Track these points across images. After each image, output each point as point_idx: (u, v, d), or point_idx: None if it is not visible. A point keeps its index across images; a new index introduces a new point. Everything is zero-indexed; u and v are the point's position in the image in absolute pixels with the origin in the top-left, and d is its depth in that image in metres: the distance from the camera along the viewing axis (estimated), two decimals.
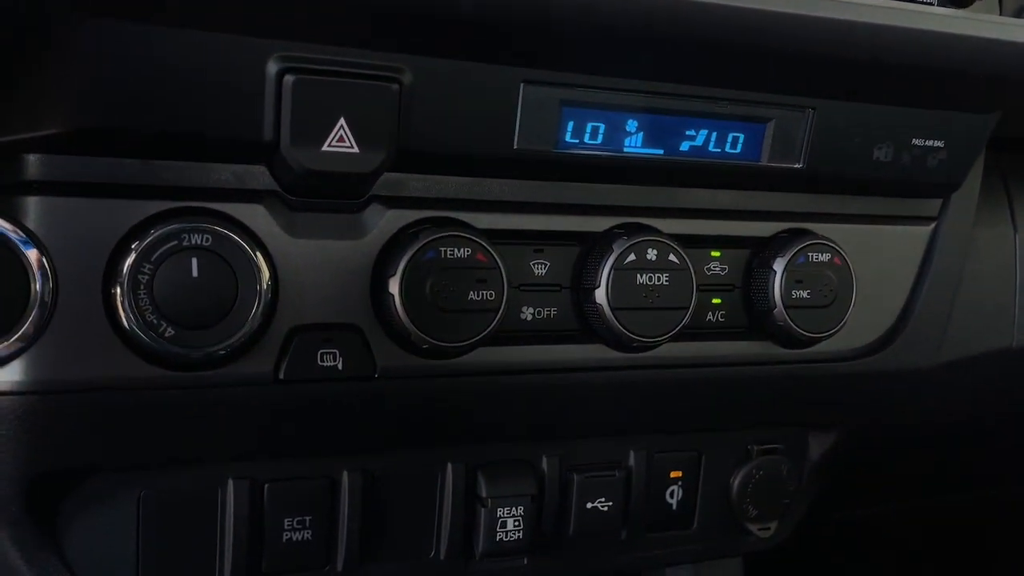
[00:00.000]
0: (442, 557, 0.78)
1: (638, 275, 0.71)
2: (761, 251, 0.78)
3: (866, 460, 0.97)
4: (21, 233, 0.56)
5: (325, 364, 0.65)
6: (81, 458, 0.62)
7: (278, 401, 0.65)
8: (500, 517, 0.77)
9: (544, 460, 0.80)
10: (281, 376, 0.64)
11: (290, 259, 0.63)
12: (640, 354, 0.75)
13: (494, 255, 0.66)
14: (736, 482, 0.87)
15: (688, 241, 0.74)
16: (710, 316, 0.78)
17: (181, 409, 0.62)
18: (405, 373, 0.67)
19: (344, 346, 0.65)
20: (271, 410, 0.65)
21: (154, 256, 0.58)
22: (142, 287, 0.58)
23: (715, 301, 0.78)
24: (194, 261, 0.58)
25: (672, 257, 0.72)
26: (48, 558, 0.66)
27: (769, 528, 0.89)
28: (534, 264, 0.72)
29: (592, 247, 0.72)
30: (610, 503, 0.82)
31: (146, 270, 0.58)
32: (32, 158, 0.57)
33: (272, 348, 0.63)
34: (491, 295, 0.66)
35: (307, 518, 0.72)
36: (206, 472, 0.69)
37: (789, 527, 0.92)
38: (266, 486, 0.71)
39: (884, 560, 1.49)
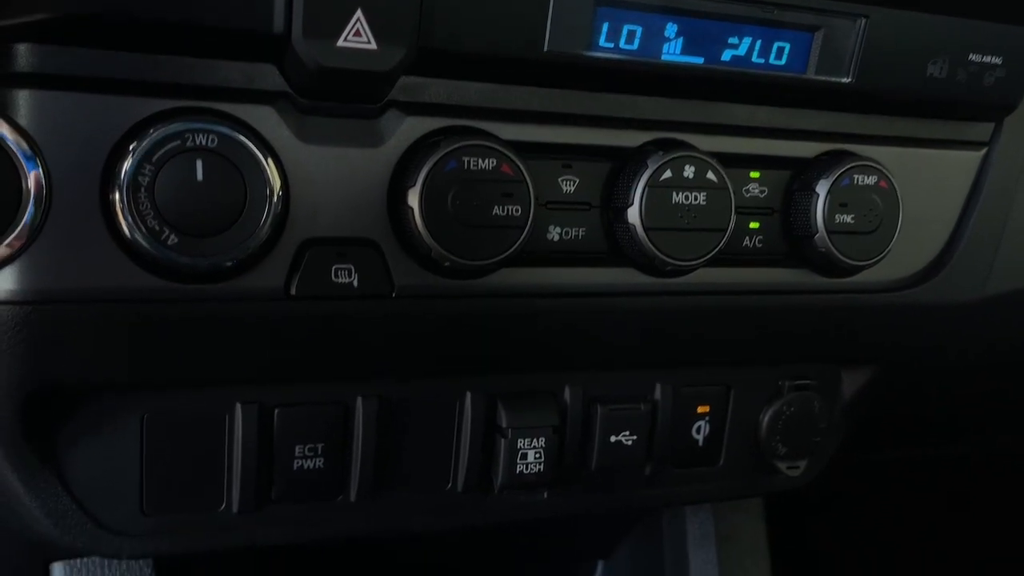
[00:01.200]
0: (460, 489, 0.75)
1: (674, 193, 0.66)
2: (803, 173, 0.73)
3: (899, 400, 0.93)
4: (11, 128, 0.52)
5: (339, 281, 0.60)
6: (80, 375, 0.59)
7: (289, 319, 0.61)
8: (520, 448, 0.74)
9: (567, 391, 0.76)
10: (292, 292, 0.60)
11: (301, 167, 0.59)
12: (672, 279, 0.70)
13: (520, 167, 0.61)
14: (765, 418, 0.84)
15: (725, 160, 0.69)
16: (747, 241, 0.73)
17: (185, 325, 0.58)
18: (424, 293, 0.63)
19: (359, 262, 0.61)
20: (281, 329, 0.61)
21: (155, 157, 0.53)
22: (143, 190, 0.53)
23: (752, 225, 0.73)
24: (199, 163, 0.54)
25: (711, 175, 0.67)
26: (47, 481, 0.63)
27: (798, 467, 0.85)
28: (562, 180, 0.67)
29: (625, 163, 0.67)
30: (634, 437, 0.78)
31: (147, 172, 0.53)
32: (22, 48, 0.52)
33: (283, 262, 0.59)
34: (517, 210, 0.62)
35: (319, 445, 0.69)
36: (213, 395, 0.65)
37: (818, 466, 0.88)
38: (276, 411, 0.67)
39: (911, 507, 1.46)
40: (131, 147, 0.53)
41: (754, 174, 0.73)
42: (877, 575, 1.59)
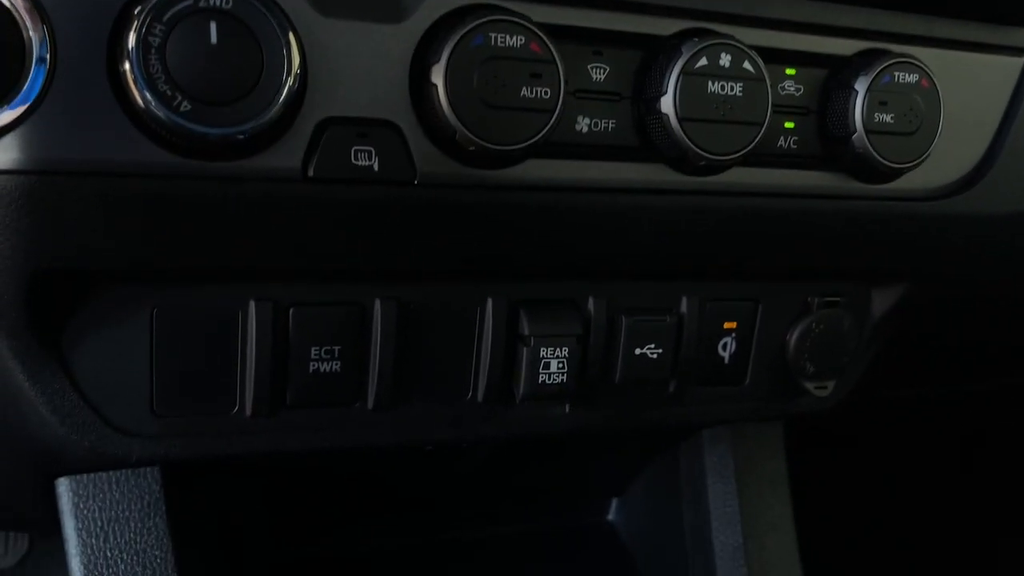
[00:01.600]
0: (480, 399, 0.72)
1: (709, 82, 0.63)
2: (841, 70, 0.70)
3: (927, 323, 0.91)
4: None
5: (359, 163, 0.57)
6: (85, 256, 0.56)
7: (306, 202, 0.58)
8: (543, 357, 0.71)
9: (591, 301, 0.73)
10: (310, 173, 0.57)
11: (320, 40, 0.56)
12: (703, 179, 0.67)
13: (550, 46, 0.58)
14: (794, 336, 0.81)
15: (761, 55, 0.66)
16: (782, 141, 0.70)
17: (196, 204, 0.55)
18: (447, 182, 0.60)
19: (380, 144, 0.58)
20: (297, 213, 0.58)
21: (166, 16, 0.50)
22: (153, 52, 0.50)
23: (788, 125, 0.70)
24: (213, 25, 0.51)
25: (747, 65, 0.64)
26: (54, 376, 0.60)
27: (826, 387, 0.83)
28: (592, 68, 0.64)
29: (658, 51, 0.64)
30: (659, 351, 0.76)
31: (157, 32, 0.50)
32: None
33: (300, 142, 0.56)
34: (545, 93, 0.59)
35: (335, 348, 0.66)
36: (226, 291, 0.63)
37: (846, 388, 0.86)
38: (291, 310, 0.64)
39: (928, 447, 1.45)
40: (140, 6, 0.50)
41: (790, 71, 0.70)
42: (895, 511, 1.57)
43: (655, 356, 0.76)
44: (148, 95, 0.50)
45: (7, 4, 0.48)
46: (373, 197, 0.59)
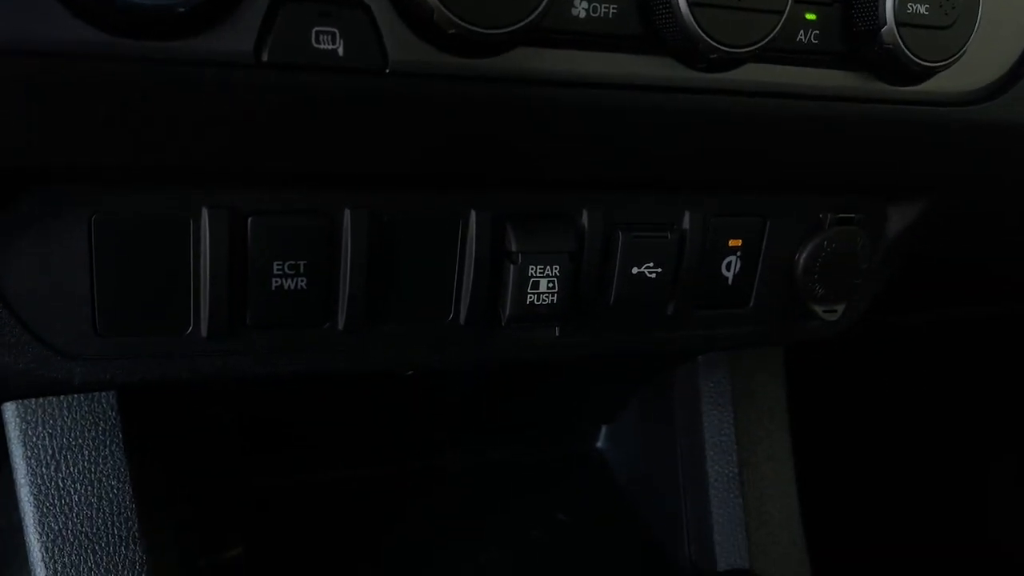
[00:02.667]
0: (462, 321, 0.66)
1: None
2: None
3: (945, 243, 0.85)
4: None
5: (321, 47, 0.49)
6: (8, 152, 0.48)
7: (260, 92, 0.50)
8: (532, 276, 0.65)
9: (585, 214, 0.66)
10: (264, 58, 0.49)
11: None
12: (714, 75, 0.60)
13: None
14: (803, 256, 0.75)
15: None
16: (802, 35, 0.62)
17: (132, 91, 0.47)
18: (423, 70, 0.52)
19: (346, 25, 0.50)
20: (250, 105, 0.50)
21: None
22: None
23: (809, 17, 0.62)
24: None
25: None
26: None
27: (835, 311, 0.77)
28: None
29: None
30: (659, 270, 0.69)
31: None
32: None
33: (252, 20, 0.48)
34: None
35: (300, 263, 0.59)
36: (173, 196, 0.55)
37: (856, 312, 0.80)
38: (249, 220, 0.57)
39: (930, 373, 1.41)
40: None
41: None
42: (895, 440, 1.55)
43: (653, 276, 0.69)
44: None
45: None
46: (337, 87, 0.51)
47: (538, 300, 0.65)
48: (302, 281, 0.60)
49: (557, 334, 0.70)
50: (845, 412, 1.48)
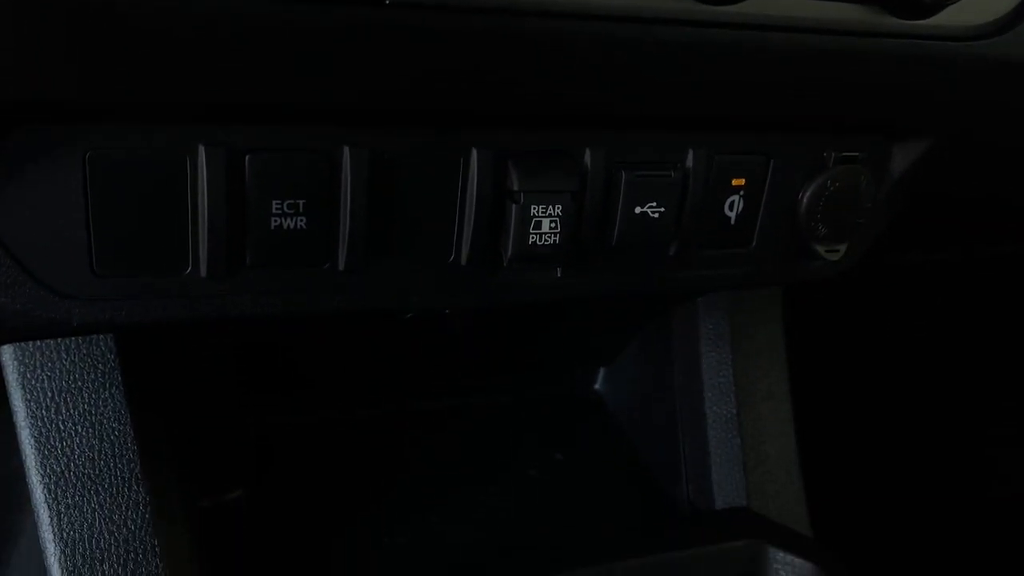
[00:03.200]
0: (463, 262, 0.65)
1: None
2: None
3: (948, 182, 0.84)
4: None
5: None
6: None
7: (248, 23, 0.48)
8: (534, 216, 0.64)
9: (587, 153, 0.65)
10: None
11: None
12: (721, 8, 0.58)
13: None
14: (807, 195, 0.74)
15: None
16: None
17: (125, 23, 0.46)
18: (425, 1, 0.51)
19: None
20: (249, 38, 0.49)
21: None
22: None
23: None
24: None
25: None
26: None
27: (838, 250, 0.76)
28: None
29: None
30: (661, 209, 0.69)
31: None
32: None
33: None
34: None
35: (300, 202, 0.59)
36: (169, 132, 0.54)
37: (858, 252, 0.80)
38: (247, 157, 0.56)
39: (931, 313, 1.42)
40: None
41: None
42: (892, 380, 1.57)
43: (656, 215, 0.69)
44: None
45: None
46: (331, 20, 0.50)
47: (540, 240, 0.65)
48: (301, 220, 0.59)
49: (559, 275, 0.70)
50: (842, 353, 1.49)
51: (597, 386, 1.12)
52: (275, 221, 0.58)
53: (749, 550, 0.80)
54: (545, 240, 0.65)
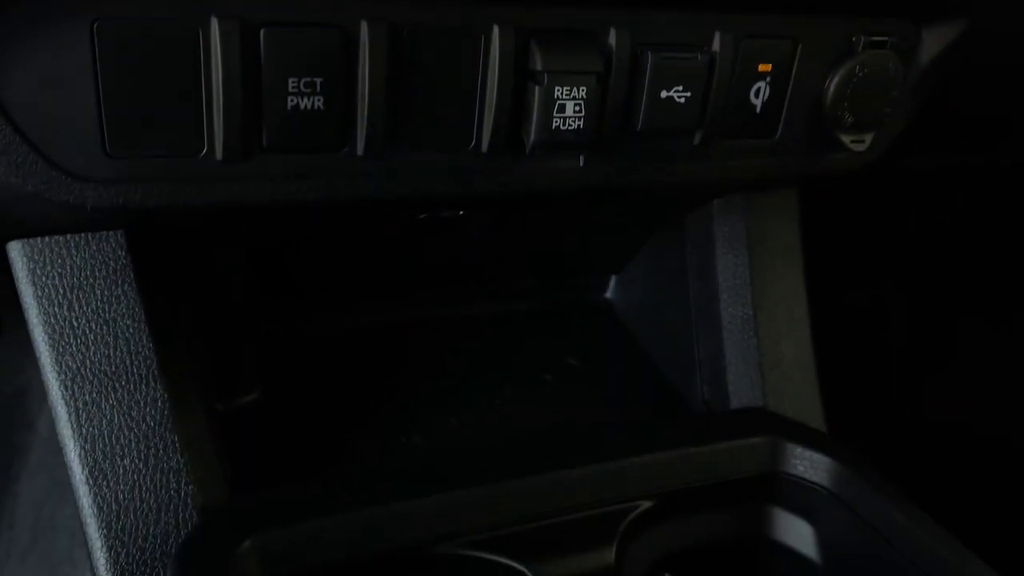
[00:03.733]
0: (484, 149, 0.63)
1: None
2: None
3: (975, 74, 0.82)
4: None
5: None
6: None
7: None
8: (558, 99, 0.62)
9: (612, 33, 0.63)
10: None
11: None
12: None
13: None
14: (834, 81, 0.72)
15: None
16: None
17: None
18: None
19: None
20: None
21: None
22: None
23: None
24: None
25: None
26: None
27: (864, 140, 0.75)
28: None
29: None
30: (687, 94, 0.66)
31: None
32: None
33: None
34: None
35: (317, 80, 0.56)
36: (179, 3, 0.52)
37: (884, 144, 0.78)
38: (262, 31, 0.54)
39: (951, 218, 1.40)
40: None
41: None
42: (905, 282, 1.56)
43: (682, 100, 0.67)
44: None
45: None
46: None
47: (564, 125, 0.63)
48: (319, 100, 0.57)
49: (581, 164, 0.68)
50: (856, 255, 1.48)
51: (608, 294, 1.11)
52: (292, 100, 0.56)
53: (766, 446, 0.80)
54: (569, 124, 0.63)
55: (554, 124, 0.62)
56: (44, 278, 0.67)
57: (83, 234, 0.67)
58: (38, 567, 1.15)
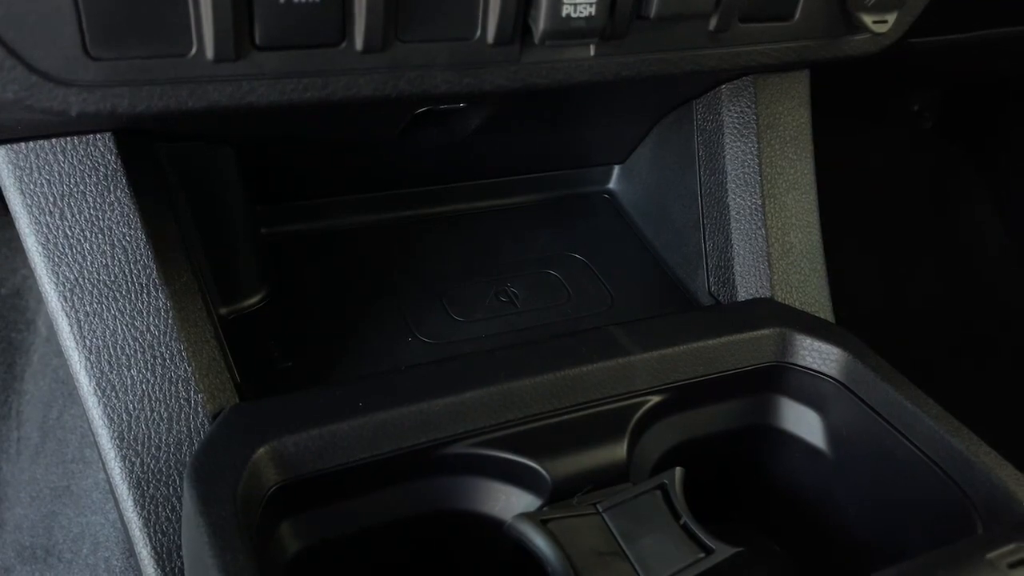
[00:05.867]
0: (491, 40, 0.60)
1: None
2: None
3: None
4: None
5: None
6: None
7: None
8: None
9: None
10: None
11: None
12: None
13: None
14: None
15: None
16: None
17: None
18: None
19: None
20: None
21: None
22: None
23: None
24: None
25: None
26: None
27: (886, 21, 0.71)
28: None
29: None
30: None
31: None
32: None
33: None
34: None
35: None
36: None
37: (905, 24, 0.74)
38: None
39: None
40: None
41: None
42: (909, 175, 1.54)
43: None
44: None
45: None
46: None
47: (575, 12, 0.59)
48: None
49: (592, 53, 0.64)
50: (862, 143, 1.45)
51: (611, 185, 1.08)
52: None
53: (774, 337, 0.79)
54: (580, 12, 0.59)
55: (564, 11, 0.59)
56: (32, 185, 0.65)
57: (69, 138, 0.64)
58: (49, 465, 1.16)
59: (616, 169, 1.08)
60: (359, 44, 0.56)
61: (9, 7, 0.48)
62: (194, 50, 0.53)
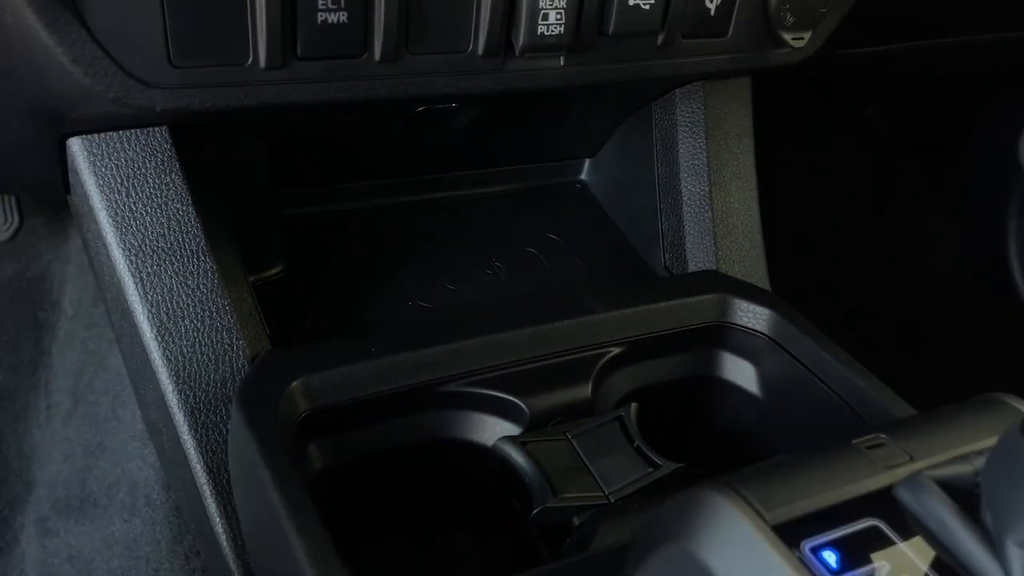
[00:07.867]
0: (480, 52, 0.75)
1: None
2: None
3: None
4: None
5: None
6: None
7: None
8: (542, 8, 0.73)
9: None
10: None
11: None
12: None
13: None
14: None
15: None
16: None
17: None
18: None
19: None
20: None
21: None
22: None
23: None
24: None
25: None
26: (69, 26, 0.61)
27: (803, 38, 0.87)
28: None
29: None
30: (652, 1, 0.78)
31: None
32: None
33: None
34: None
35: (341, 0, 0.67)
36: None
37: (819, 40, 0.90)
38: None
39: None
40: None
41: None
42: (850, 163, 1.70)
43: (647, 7, 0.78)
44: None
45: None
46: None
47: (547, 30, 0.74)
48: (343, 15, 0.68)
49: (562, 64, 0.79)
50: (802, 139, 1.61)
51: (583, 176, 1.24)
52: (321, 16, 0.67)
53: (717, 301, 0.95)
54: (551, 30, 0.74)
55: (539, 30, 0.74)
56: (104, 169, 0.79)
57: (133, 131, 0.79)
58: (82, 427, 1.29)
59: (587, 162, 1.23)
60: (377, 55, 0.71)
61: (114, 25, 0.62)
62: (250, 60, 0.67)
